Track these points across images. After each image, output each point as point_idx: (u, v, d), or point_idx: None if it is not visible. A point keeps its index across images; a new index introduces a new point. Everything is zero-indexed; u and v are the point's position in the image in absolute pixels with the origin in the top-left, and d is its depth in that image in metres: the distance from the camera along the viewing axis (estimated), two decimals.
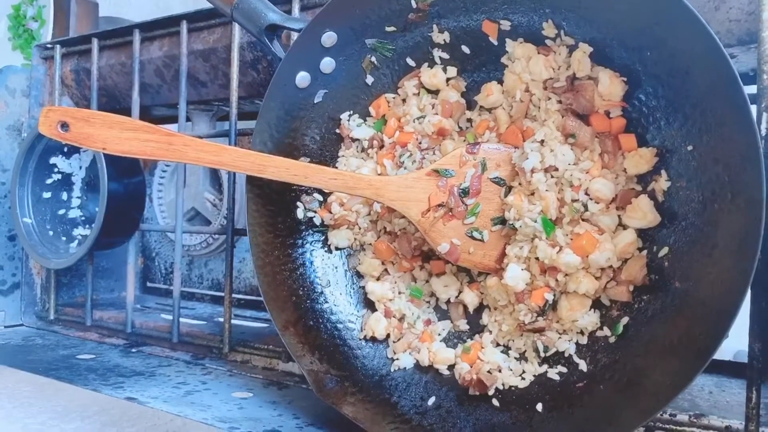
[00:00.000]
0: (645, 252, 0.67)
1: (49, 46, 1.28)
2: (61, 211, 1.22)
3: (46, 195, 1.19)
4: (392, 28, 0.77)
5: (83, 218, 1.24)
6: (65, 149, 1.19)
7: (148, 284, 1.51)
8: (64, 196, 1.22)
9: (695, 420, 0.69)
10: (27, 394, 0.85)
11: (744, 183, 0.58)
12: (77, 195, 1.23)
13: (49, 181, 1.20)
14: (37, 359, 1.01)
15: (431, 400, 0.73)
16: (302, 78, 0.79)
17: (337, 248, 0.84)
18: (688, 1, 0.60)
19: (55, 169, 1.20)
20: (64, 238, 1.20)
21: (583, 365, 0.68)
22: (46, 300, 1.28)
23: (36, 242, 1.16)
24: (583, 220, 0.69)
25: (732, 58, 0.74)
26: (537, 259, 0.70)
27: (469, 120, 0.79)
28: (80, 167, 1.23)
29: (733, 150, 0.59)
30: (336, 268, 0.83)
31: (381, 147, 0.82)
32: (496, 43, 0.75)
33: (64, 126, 0.73)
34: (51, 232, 1.19)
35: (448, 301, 0.80)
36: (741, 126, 0.58)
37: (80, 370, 0.94)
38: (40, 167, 1.17)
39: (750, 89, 0.66)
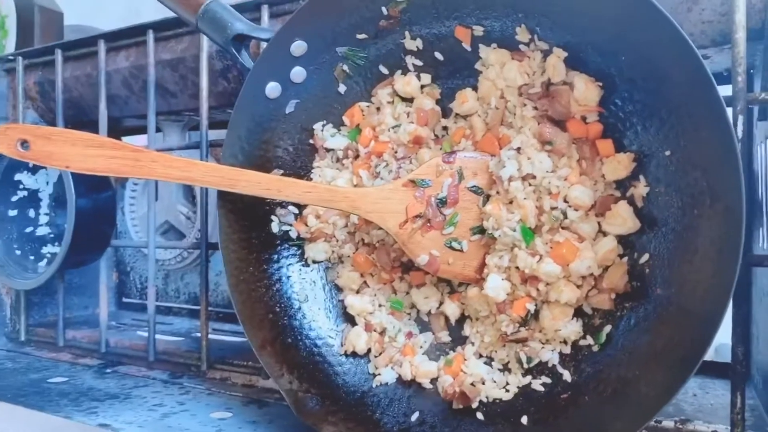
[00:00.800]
0: (626, 259, 0.66)
1: (11, 57, 1.24)
2: (29, 229, 1.18)
3: (12, 213, 1.15)
4: (363, 36, 0.75)
5: (52, 235, 1.20)
6: (31, 165, 1.15)
7: (124, 300, 1.47)
8: (31, 213, 1.18)
9: (681, 426, 0.68)
10: None
11: (723, 188, 0.57)
12: (45, 212, 1.19)
13: (14, 198, 1.15)
14: (7, 385, 0.98)
15: (414, 416, 0.72)
16: (272, 88, 0.77)
17: (314, 262, 0.82)
18: (661, 5, 0.59)
19: (21, 186, 1.16)
20: (32, 257, 1.16)
21: (567, 375, 0.67)
22: (17, 321, 1.24)
23: (3, 262, 1.12)
24: (562, 228, 0.68)
25: (706, 59, 0.74)
26: (517, 268, 0.69)
27: (445, 128, 0.78)
28: (47, 183, 1.19)
29: (710, 154, 0.58)
30: (314, 282, 0.81)
31: (356, 157, 0.80)
32: (469, 49, 0.73)
33: (25, 144, 0.70)
34: (18, 252, 1.15)
35: (429, 313, 0.78)
36: (717, 130, 0.57)
37: (52, 396, 0.91)
38: (4, 184, 1.13)
39: (725, 89, 0.65)
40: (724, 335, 0.65)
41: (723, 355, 0.99)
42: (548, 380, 0.68)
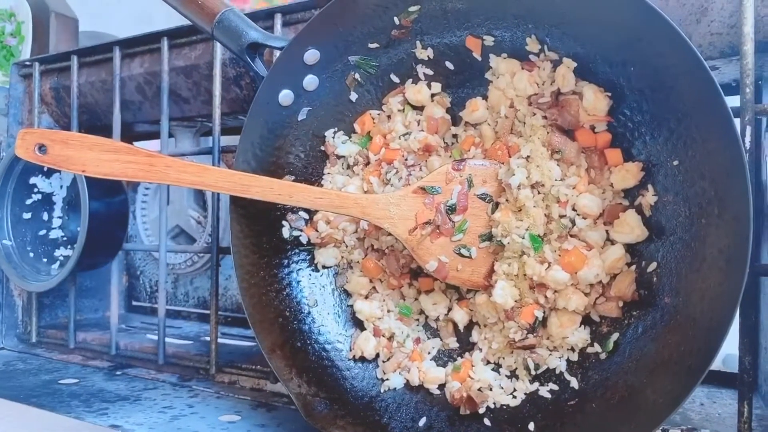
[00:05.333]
0: (634, 267, 0.67)
1: (27, 63, 1.26)
2: (42, 232, 1.19)
3: (26, 216, 1.17)
4: (375, 45, 0.77)
5: (65, 238, 1.21)
6: (45, 169, 1.17)
7: (134, 303, 1.48)
8: (45, 216, 1.20)
9: None
10: (9, 419, 0.83)
11: (730, 198, 0.57)
12: (58, 215, 1.21)
13: (29, 201, 1.17)
14: (18, 385, 0.99)
15: (422, 421, 0.72)
16: (285, 96, 0.78)
17: (324, 267, 0.83)
18: (669, 17, 0.59)
19: (35, 189, 1.18)
20: (45, 260, 1.18)
21: (574, 382, 0.68)
22: (28, 322, 1.26)
23: (16, 264, 1.13)
24: (570, 235, 0.69)
25: (714, 70, 0.75)
26: (525, 275, 0.70)
27: (455, 136, 0.79)
28: (61, 186, 1.21)
29: (718, 164, 0.59)
30: (323, 287, 0.82)
31: (367, 164, 0.81)
32: (479, 58, 0.74)
33: (42, 148, 0.71)
34: (32, 254, 1.16)
35: (437, 319, 0.79)
36: (725, 140, 0.57)
37: (63, 397, 0.92)
38: (19, 188, 1.15)
39: (733, 100, 0.66)
40: (731, 346, 0.66)
41: (730, 366, 0.99)
42: (555, 387, 0.69)
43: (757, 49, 0.65)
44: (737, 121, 0.61)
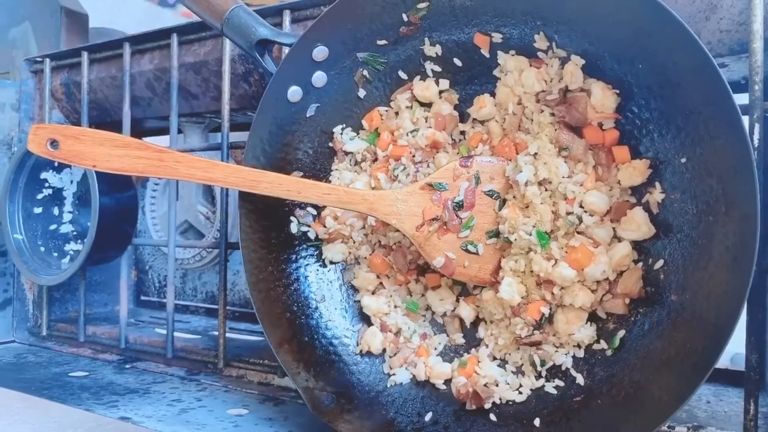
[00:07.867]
0: (640, 264, 0.67)
1: (38, 59, 1.27)
2: (53, 227, 1.21)
3: (37, 210, 1.18)
4: (384, 42, 0.77)
5: (75, 233, 1.23)
6: (56, 164, 1.18)
7: (142, 297, 1.50)
8: (56, 211, 1.21)
9: None
10: (20, 411, 0.84)
11: (738, 196, 0.57)
12: (69, 210, 1.22)
13: (39, 196, 1.19)
14: (29, 377, 1.00)
15: (428, 416, 0.73)
16: (294, 92, 0.78)
17: (331, 262, 0.83)
18: (678, 13, 0.59)
19: (46, 184, 1.19)
20: (55, 254, 1.19)
21: (580, 379, 0.68)
22: (39, 316, 1.27)
23: (27, 258, 1.15)
24: (578, 232, 0.69)
25: (723, 67, 0.75)
26: (532, 272, 0.70)
27: (463, 133, 0.79)
28: (71, 182, 1.22)
29: (726, 162, 0.59)
30: (331, 282, 0.83)
31: (374, 160, 0.82)
32: (488, 55, 0.74)
33: (54, 143, 0.72)
34: (42, 248, 1.18)
35: (444, 315, 0.79)
36: (733, 138, 0.57)
37: (73, 389, 0.93)
38: (30, 182, 1.16)
39: (742, 98, 0.66)
40: (739, 345, 0.66)
41: (739, 365, 0.99)
42: (561, 383, 0.69)
43: (766, 47, 0.65)
44: (746, 119, 0.61)
